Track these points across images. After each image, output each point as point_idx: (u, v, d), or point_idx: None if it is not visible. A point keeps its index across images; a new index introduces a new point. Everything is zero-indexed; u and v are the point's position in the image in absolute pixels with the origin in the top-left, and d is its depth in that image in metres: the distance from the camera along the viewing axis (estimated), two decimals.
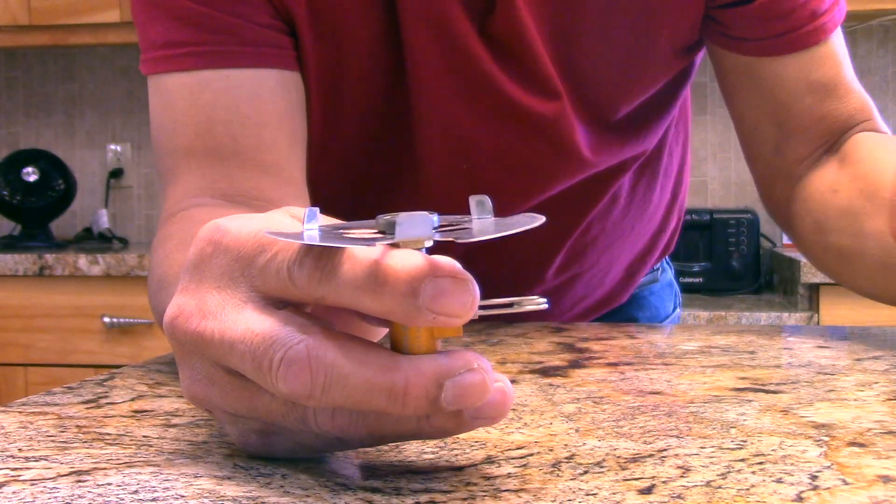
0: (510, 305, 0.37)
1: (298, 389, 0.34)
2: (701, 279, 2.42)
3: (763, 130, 0.83)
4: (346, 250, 0.35)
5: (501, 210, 0.38)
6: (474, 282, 0.34)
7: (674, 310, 1.08)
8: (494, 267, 0.85)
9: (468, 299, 0.34)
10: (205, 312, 0.37)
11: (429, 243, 0.35)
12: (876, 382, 0.57)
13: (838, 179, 0.78)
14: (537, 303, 0.37)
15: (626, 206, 0.91)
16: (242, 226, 0.38)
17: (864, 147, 0.78)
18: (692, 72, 0.88)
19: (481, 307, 0.36)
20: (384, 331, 0.40)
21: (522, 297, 0.38)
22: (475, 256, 0.70)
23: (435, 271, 0.34)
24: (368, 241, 0.35)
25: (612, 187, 0.87)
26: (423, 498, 0.36)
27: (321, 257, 0.35)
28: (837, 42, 0.81)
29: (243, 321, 0.36)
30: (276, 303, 0.36)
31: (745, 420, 0.47)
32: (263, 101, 0.72)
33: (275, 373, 0.34)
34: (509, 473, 0.39)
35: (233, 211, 0.67)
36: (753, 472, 0.39)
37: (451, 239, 0.35)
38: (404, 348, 0.36)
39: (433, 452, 0.42)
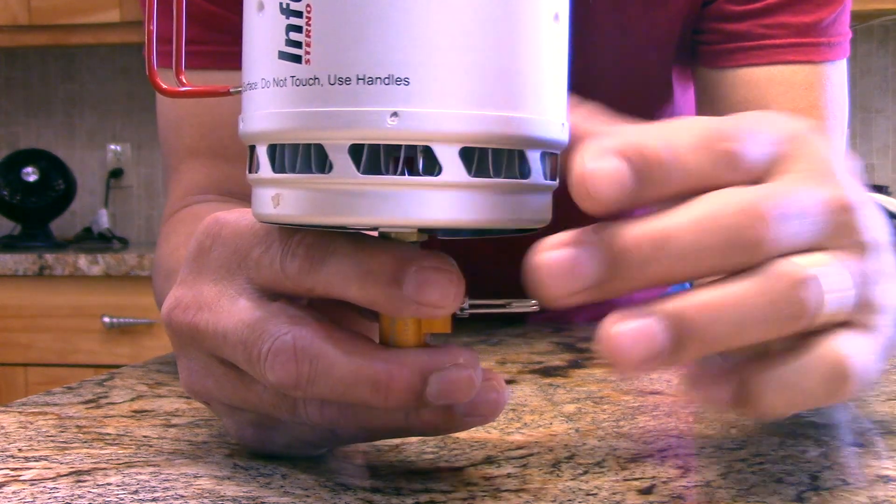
0: (502, 306, 0.37)
1: (285, 380, 0.34)
2: None
3: None
4: (337, 242, 0.35)
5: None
6: (460, 274, 0.34)
7: None
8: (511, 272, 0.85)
9: (452, 290, 0.34)
10: (201, 304, 0.38)
11: (423, 230, 0.36)
12: (876, 382, 0.57)
13: None
14: (529, 305, 0.37)
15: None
16: (240, 218, 0.38)
17: None
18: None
19: (472, 305, 0.36)
20: None
21: (514, 299, 0.38)
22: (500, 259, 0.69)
23: (420, 261, 0.34)
24: (360, 232, 0.35)
25: None
26: (423, 498, 0.36)
27: (312, 247, 0.35)
28: (822, 81, 0.71)
29: (236, 312, 0.36)
30: (271, 295, 0.37)
31: (745, 420, 0.47)
32: None
33: (263, 363, 0.35)
34: (509, 473, 0.39)
35: (238, 207, 0.67)
36: (753, 472, 0.39)
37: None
38: (392, 342, 0.36)
39: (433, 452, 0.42)
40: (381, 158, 0.32)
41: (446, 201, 0.32)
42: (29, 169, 2.60)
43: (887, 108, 2.59)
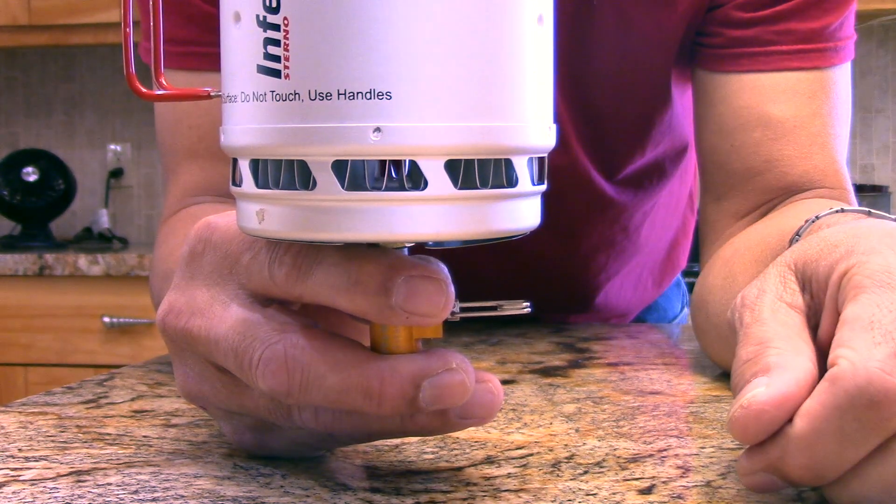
0: (493, 308, 0.37)
1: (277, 388, 0.34)
2: None
3: (710, 174, 0.74)
4: (324, 251, 0.34)
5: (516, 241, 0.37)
6: (449, 282, 0.34)
7: (681, 309, 1.07)
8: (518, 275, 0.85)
9: (441, 299, 0.34)
10: (194, 310, 0.37)
11: (409, 244, 0.35)
12: None
13: (736, 248, 0.66)
14: (520, 307, 0.37)
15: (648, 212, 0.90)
16: (231, 223, 0.38)
17: (789, 212, 0.65)
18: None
19: (463, 309, 0.36)
20: None
21: (505, 301, 0.37)
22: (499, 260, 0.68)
23: (408, 270, 0.33)
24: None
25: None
26: (423, 498, 0.36)
27: (299, 255, 0.35)
28: (827, 86, 0.70)
29: (228, 319, 0.36)
30: (263, 300, 0.37)
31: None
32: None
33: (255, 370, 0.35)
34: (509, 473, 0.39)
35: (234, 209, 0.67)
36: None
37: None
38: (383, 348, 0.36)
39: (433, 452, 0.42)
40: (365, 174, 0.31)
41: (433, 215, 0.32)
42: (29, 169, 2.60)
43: (887, 108, 2.59)
